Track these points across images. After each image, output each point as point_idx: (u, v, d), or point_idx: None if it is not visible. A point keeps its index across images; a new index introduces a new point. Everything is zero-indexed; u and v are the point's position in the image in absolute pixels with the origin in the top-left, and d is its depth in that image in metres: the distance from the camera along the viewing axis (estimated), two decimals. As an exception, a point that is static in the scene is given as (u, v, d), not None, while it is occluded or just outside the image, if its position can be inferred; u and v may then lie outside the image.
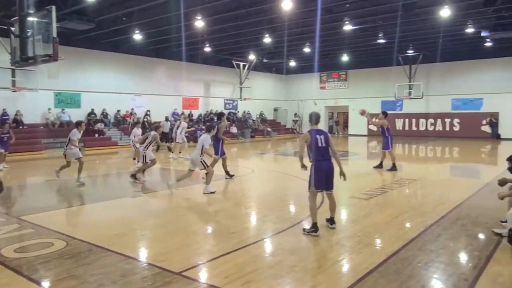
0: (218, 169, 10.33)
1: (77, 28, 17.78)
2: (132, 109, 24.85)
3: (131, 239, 5.84)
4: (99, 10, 17.20)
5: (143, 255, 5.24)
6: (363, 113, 13.05)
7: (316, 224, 5.79)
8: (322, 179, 5.79)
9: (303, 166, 6.05)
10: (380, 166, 12.70)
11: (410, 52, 27.13)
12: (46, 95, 20.94)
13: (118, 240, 5.61)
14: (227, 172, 11.00)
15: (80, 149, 10.76)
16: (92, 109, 22.91)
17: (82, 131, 10.62)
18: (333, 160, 5.96)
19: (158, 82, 26.54)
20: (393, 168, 12.30)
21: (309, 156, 5.94)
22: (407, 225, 6.47)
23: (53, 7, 8.93)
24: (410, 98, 28.83)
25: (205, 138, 9.10)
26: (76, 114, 21.87)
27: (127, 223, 6.71)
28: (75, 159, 10.35)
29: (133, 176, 10.76)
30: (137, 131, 14.53)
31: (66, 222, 6.90)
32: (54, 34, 8.80)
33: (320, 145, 5.79)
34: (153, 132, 10.98)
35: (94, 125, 22.31)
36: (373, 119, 14.24)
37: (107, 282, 4.21)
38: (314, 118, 6.01)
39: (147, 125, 23.81)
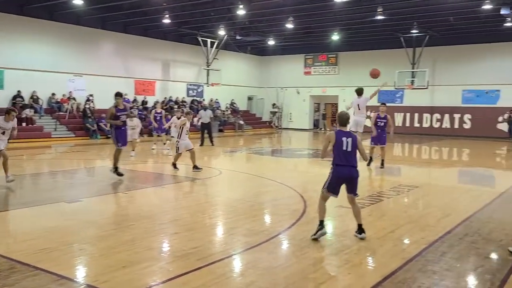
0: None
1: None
2: (70, 92, 24.43)
3: (66, 254, 5.74)
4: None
5: (81, 274, 5.17)
6: (375, 74, 12.60)
7: (322, 222, 6.36)
8: (338, 184, 6.38)
9: None
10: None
11: (414, 32, 27.40)
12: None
13: (49, 256, 5.51)
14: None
15: None
16: (19, 91, 22.33)
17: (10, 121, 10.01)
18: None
19: (104, 60, 26.17)
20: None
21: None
22: (406, 241, 6.60)
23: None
24: (413, 88, 29.32)
25: None
26: (-3, 97, 21.29)
27: (61, 234, 6.59)
28: None
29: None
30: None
31: (-18, 233, 6.73)
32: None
33: (344, 148, 6.27)
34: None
35: (21, 111, 21.71)
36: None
37: (34, 308, 4.14)
38: (341, 119, 6.47)
39: (89, 113, 23.47)
